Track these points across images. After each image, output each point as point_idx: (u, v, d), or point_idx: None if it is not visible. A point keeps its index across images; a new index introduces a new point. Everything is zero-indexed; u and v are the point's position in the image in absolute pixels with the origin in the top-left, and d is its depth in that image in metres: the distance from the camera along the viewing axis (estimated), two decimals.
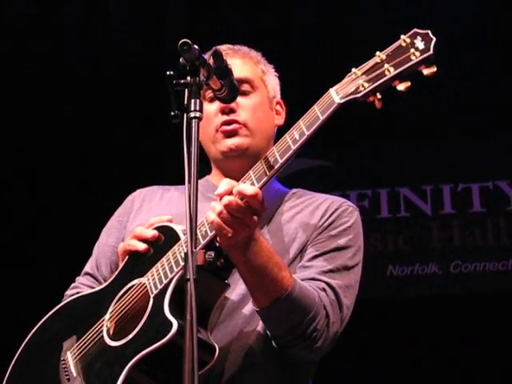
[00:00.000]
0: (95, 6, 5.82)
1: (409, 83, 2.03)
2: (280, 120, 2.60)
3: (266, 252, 2.13)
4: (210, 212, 2.06)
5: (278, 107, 2.62)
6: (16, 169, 5.94)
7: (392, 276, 6.15)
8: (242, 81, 2.48)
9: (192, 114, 1.98)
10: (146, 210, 2.55)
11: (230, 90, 2.18)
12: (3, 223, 5.89)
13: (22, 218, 5.93)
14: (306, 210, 2.43)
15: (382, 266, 6.15)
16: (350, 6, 5.67)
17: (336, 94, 2.06)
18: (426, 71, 2.02)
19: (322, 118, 2.06)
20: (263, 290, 2.15)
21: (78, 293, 2.48)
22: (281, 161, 2.08)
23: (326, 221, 2.38)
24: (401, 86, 2.03)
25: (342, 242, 2.36)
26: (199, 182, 2.58)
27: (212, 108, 2.47)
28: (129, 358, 2.05)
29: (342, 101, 2.05)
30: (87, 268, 2.59)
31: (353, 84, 2.06)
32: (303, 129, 2.08)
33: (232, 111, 2.45)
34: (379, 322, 5.69)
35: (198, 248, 2.03)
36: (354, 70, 2.09)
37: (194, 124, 1.97)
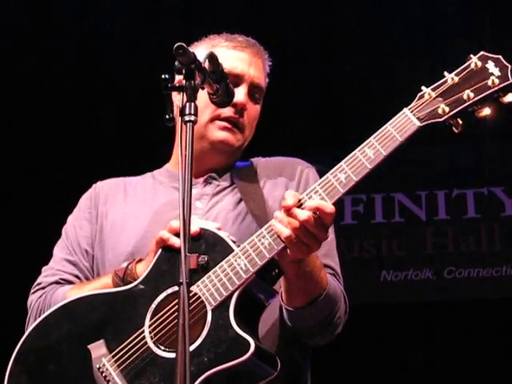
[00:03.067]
0: (95, 5, 5.84)
1: (489, 111, 2.01)
2: None
3: (312, 257, 2.13)
4: (279, 225, 2.04)
5: None
6: (16, 168, 5.95)
7: (386, 281, 6.15)
8: (258, 88, 2.47)
9: (187, 118, 1.94)
10: (112, 205, 2.50)
11: (225, 94, 2.16)
12: (3, 222, 5.89)
13: (22, 217, 5.93)
14: (268, 183, 2.44)
15: (376, 271, 6.16)
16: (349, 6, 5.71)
17: (413, 116, 2.03)
18: (505, 99, 2.00)
19: (401, 140, 2.02)
20: (305, 291, 2.16)
21: (61, 280, 2.41)
22: (356, 179, 2.04)
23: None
24: (481, 113, 2.01)
25: None
26: (157, 172, 2.58)
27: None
28: (194, 373, 1.96)
29: (423, 124, 2.02)
30: (63, 254, 2.53)
31: (430, 106, 2.03)
32: (379, 148, 2.03)
33: (241, 113, 2.41)
34: (372, 328, 5.69)
35: (263, 261, 2.05)
36: (426, 90, 2.05)
37: (188, 128, 1.94)
